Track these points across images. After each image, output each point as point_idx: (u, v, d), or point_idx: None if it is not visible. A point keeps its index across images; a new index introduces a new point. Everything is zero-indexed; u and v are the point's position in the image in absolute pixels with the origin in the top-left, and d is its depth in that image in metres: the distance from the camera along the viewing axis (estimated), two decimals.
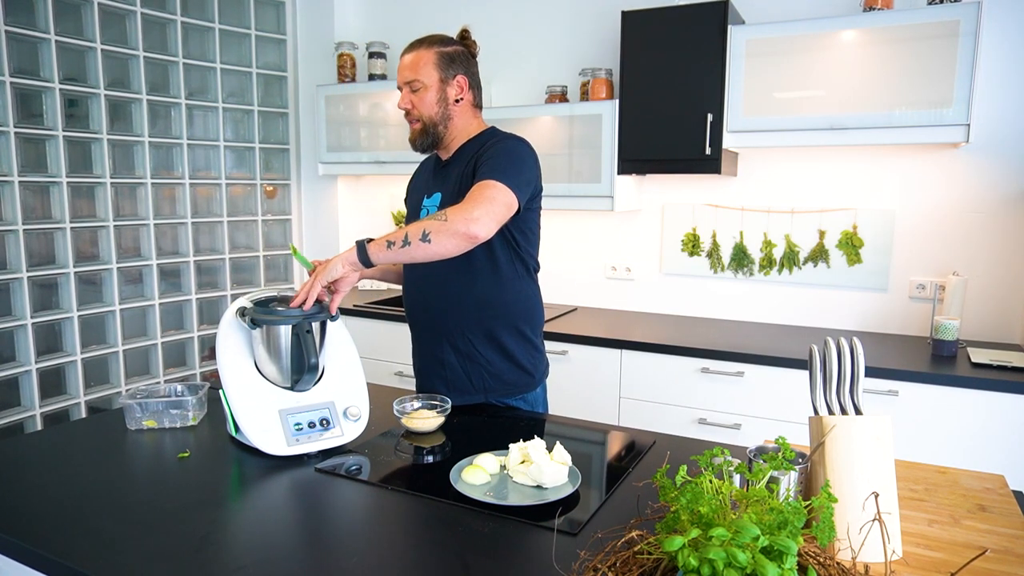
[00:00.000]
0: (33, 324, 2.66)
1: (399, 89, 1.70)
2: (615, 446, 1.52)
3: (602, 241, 3.22)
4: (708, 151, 2.57)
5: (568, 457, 1.30)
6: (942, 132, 2.27)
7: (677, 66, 2.61)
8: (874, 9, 2.40)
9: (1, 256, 2.58)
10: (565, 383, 2.69)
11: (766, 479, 0.92)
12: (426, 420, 1.52)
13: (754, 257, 2.92)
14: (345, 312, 3.17)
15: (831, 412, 1.12)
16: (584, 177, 2.85)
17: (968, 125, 2.22)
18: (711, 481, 0.84)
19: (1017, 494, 1.30)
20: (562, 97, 3.04)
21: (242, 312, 1.47)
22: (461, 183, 1.64)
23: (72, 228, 2.76)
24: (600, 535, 1.06)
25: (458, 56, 1.68)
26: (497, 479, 1.27)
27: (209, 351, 3.32)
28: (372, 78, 3.39)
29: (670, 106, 2.64)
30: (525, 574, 0.99)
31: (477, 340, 1.71)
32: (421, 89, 1.66)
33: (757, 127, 2.52)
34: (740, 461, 0.94)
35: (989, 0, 2.41)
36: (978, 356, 2.30)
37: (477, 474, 1.25)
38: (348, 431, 1.45)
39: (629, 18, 2.68)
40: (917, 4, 2.42)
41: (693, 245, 3.02)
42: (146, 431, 1.55)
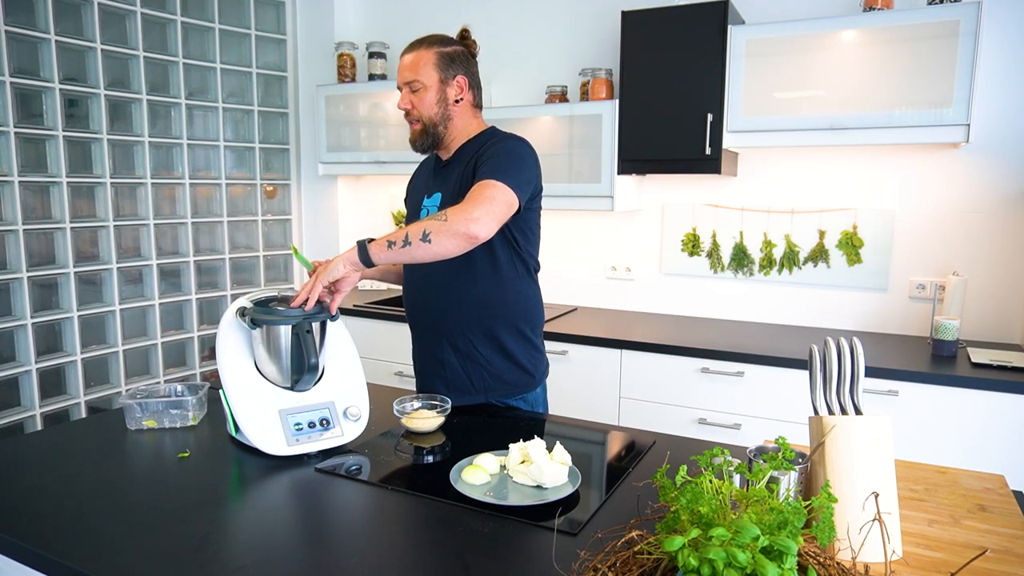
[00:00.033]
0: (33, 324, 2.66)
1: (399, 89, 1.70)
2: (615, 446, 1.52)
3: (602, 241, 3.22)
4: (708, 151, 2.57)
5: (568, 457, 1.30)
6: (942, 132, 2.27)
7: (677, 66, 2.61)
8: (874, 9, 2.40)
9: (1, 256, 2.58)
10: (565, 383, 2.69)
11: (766, 479, 0.92)
12: (426, 420, 1.52)
13: (754, 257, 2.92)
14: (345, 312, 3.17)
15: (831, 412, 1.12)
16: (584, 177, 2.85)
17: (968, 125, 2.22)
18: (711, 481, 0.84)
19: (1017, 494, 1.30)
20: (562, 97, 3.04)
21: (242, 312, 1.47)
22: (461, 183, 1.64)
23: (72, 228, 2.76)
24: (600, 535, 1.06)
25: (458, 56, 1.68)
26: (497, 479, 1.27)
27: (209, 351, 3.32)
28: (372, 78, 3.39)
29: (670, 106, 2.64)
30: (525, 574, 0.99)
31: (477, 340, 1.71)
32: (421, 89, 1.66)
33: (757, 127, 2.52)
34: (740, 461, 0.94)
35: (989, 0, 2.41)
36: (978, 356, 2.30)
37: (477, 474, 1.26)
38: (348, 431, 1.45)
39: (629, 18, 2.68)
40: (917, 4, 2.42)
41: (693, 245, 3.02)
42: (146, 431, 1.55)
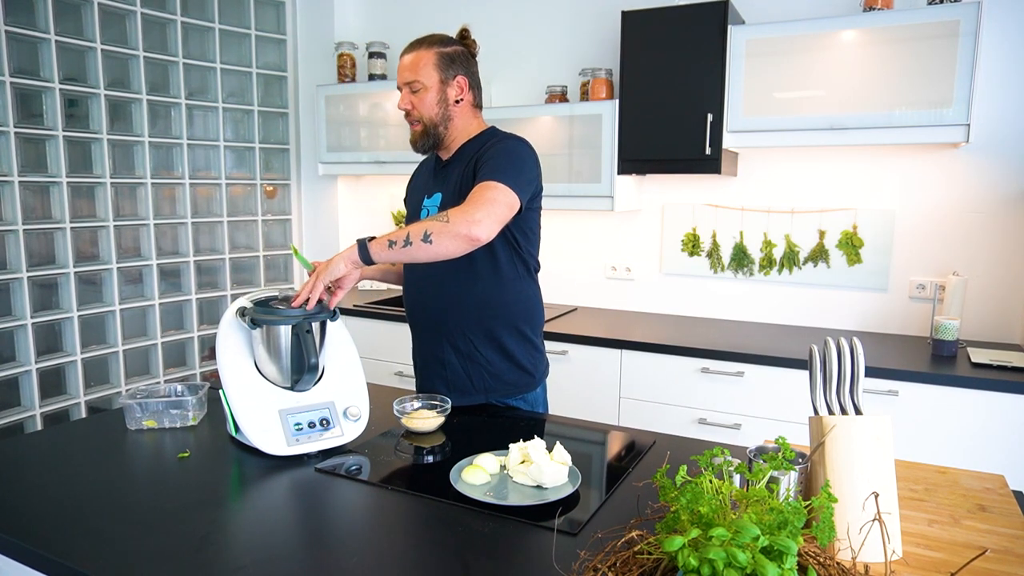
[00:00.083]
0: (33, 324, 2.66)
1: (399, 90, 1.70)
2: (615, 446, 1.52)
3: (602, 241, 3.22)
4: (708, 151, 2.57)
5: (568, 457, 1.30)
6: (942, 132, 2.27)
7: (677, 66, 2.61)
8: (874, 9, 2.40)
9: (1, 256, 2.58)
10: (565, 383, 2.69)
11: (766, 479, 0.92)
12: (426, 420, 1.52)
13: (754, 257, 2.92)
14: (345, 312, 3.17)
15: (831, 412, 1.12)
16: (584, 177, 2.85)
17: (968, 125, 2.22)
18: (711, 481, 0.84)
19: (1017, 494, 1.30)
20: (562, 97, 3.04)
21: (242, 312, 1.47)
22: (461, 183, 1.64)
23: (72, 228, 2.76)
24: (600, 535, 1.06)
25: (458, 56, 1.68)
26: (497, 479, 1.27)
27: (209, 351, 3.32)
28: (372, 78, 3.39)
29: (670, 106, 2.64)
30: (525, 574, 0.99)
31: (477, 340, 1.71)
32: (421, 90, 1.65)
33: (757, 127, 2.52)
34: (740, 461, 0.94)
35: (989, 0, 2.41)
36: (978, 356, 2.30)
37: (477, 474, 1.25)
38: (348, 431, 1.45)
39: (629, 18, 2.68)
40: (917, 4, 2.42)
41: (693, 245, 3.02)
42: (146, 431, 1.55)
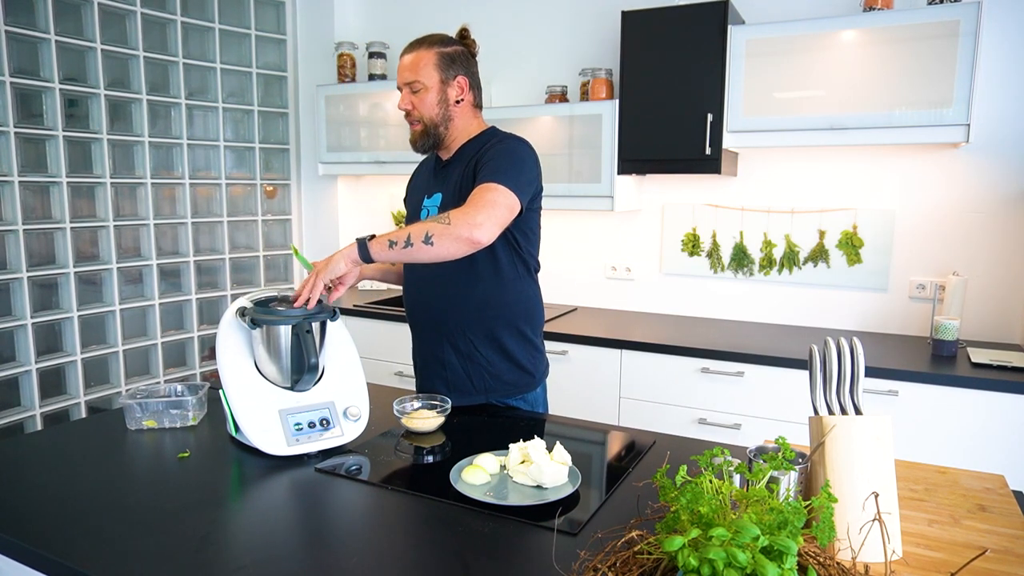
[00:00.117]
0: (33, 324, 2.66)
1: (399, 90, 1.70)
2: (615, 446, 1.52)
3: (602, 241, 3.22)
4: (708, 151, 2.57)
5: (568, 457, 1.30)
6: (942, 132, 2.27)
7: (677, 66, 2.61)
8: (874, 9, 2.40)
9: (1, 256, 2.58)
10: (565, 383, 2.69)
11: (766, 479, 0.92)
12: (426, 420, 1.52)
13: (754, 257, 2.92)
14: (345, 312, 3.17)
15: (831, 412, 1.12)
16: (584, 177, 2.85)
17: (968, 125, 2.22)
18: (711, 481, 0.84)
19: (1017, 494, 1.30)
20: (562, 97, 3.04)
21: (242, 312, 1.47)
22: (462, 183, 1.64)
23: (72, 228, 2.76)
24: (600, 535, 1.06)
25: (458, 56, 1.68)
26: (497, 479, 1.27)
27: (209, 351, 3.32)
28: (372, 78, 3.39)
29: (670, 106, 2.64)
30: (525, 574, 0.99)
31: (478, 340, 1.71)
32: (422, 90, 1.65)
33: (757, 127, 2.52)
34: (740, 461, 0.94)
35: (989, 0, 2.41)
36: (978, 356, 2.30)
37: (477, 474, 1.25)
38: (348, 431, 1.45)
39: (629, 18, 2.68)
40: (917, 4, 2.42)
41: (693, 245, 3.02)
42: (146, 431, 1.55)
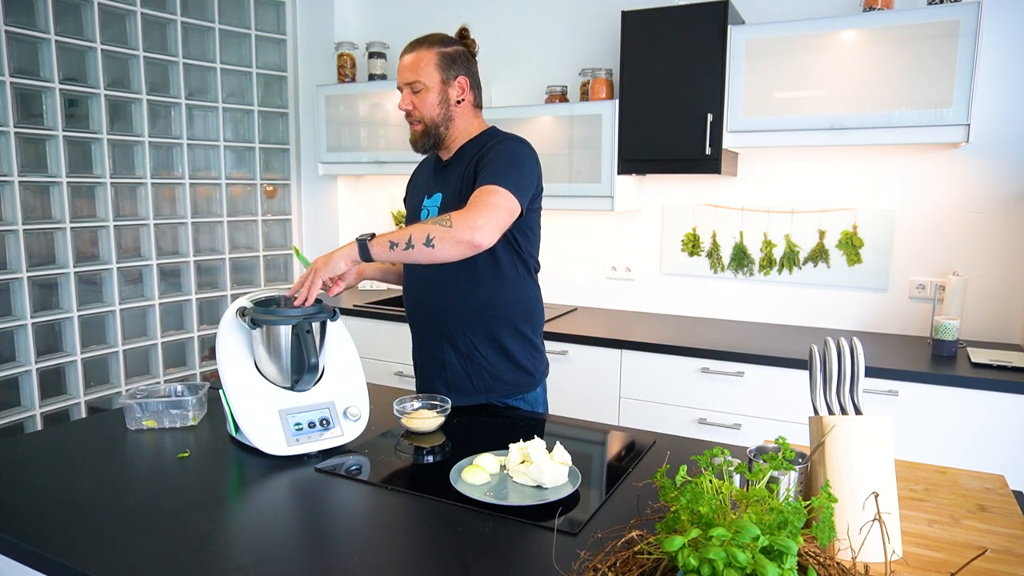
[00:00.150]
0: (33, 324, 2.66)
1: (399, 90, 1.70)
2: (615, 446, 1.52)
3: (602, 241, 3.22)
4: (708, 151, 2.57)
5: (568, 457, 1.30)
6: (942, 132, 2.27)
7: (677, 66, 2.61)
8: (874, 9, 2.40)
9: (1, 256, 2.58)
10: (565, 383, 2.69)
11: (766, 479, 0.92)
12: (426, 420, 1.52)
13: (754, 257, 2.92)
14: (345, 312, 3.17)
15: (831, 412, 1.12)
16: (584, 177, 2.85)
17: (968, 125, 2.22)
18: (711, 481, 0.84)
19: (1017, 494, 1.30)
20: (562, 97, 3.04)
21: (242, 312, 1.47)
22: (462, 184, 1.64)
23: (72, 228, 2.76)
24: (600, 535, 1.06)
25: (459, 56, 1.68)
26: (497, 479, 1.27)
27: (209, 351, 3.32)
28: (372, 78, 3.39)
29: (670, 106, 2.64)
30: (525, 574, 0.99)
31: (478, 340, 1.71)
32: (423, 90, 1.65)
33: (757, 127, 2.52)
34: (740, 461, 0.94)
35: (989, 0, 2.41)
36: (978, 356, 2.30)
37: (477, 474, 1.25)
38: (348, 431, 1.45)
39: (629, 18, 2.68)
40: (917, 4, 2.42)
41: (693, 245, 3.02)
42: (146, 431, 1.55)
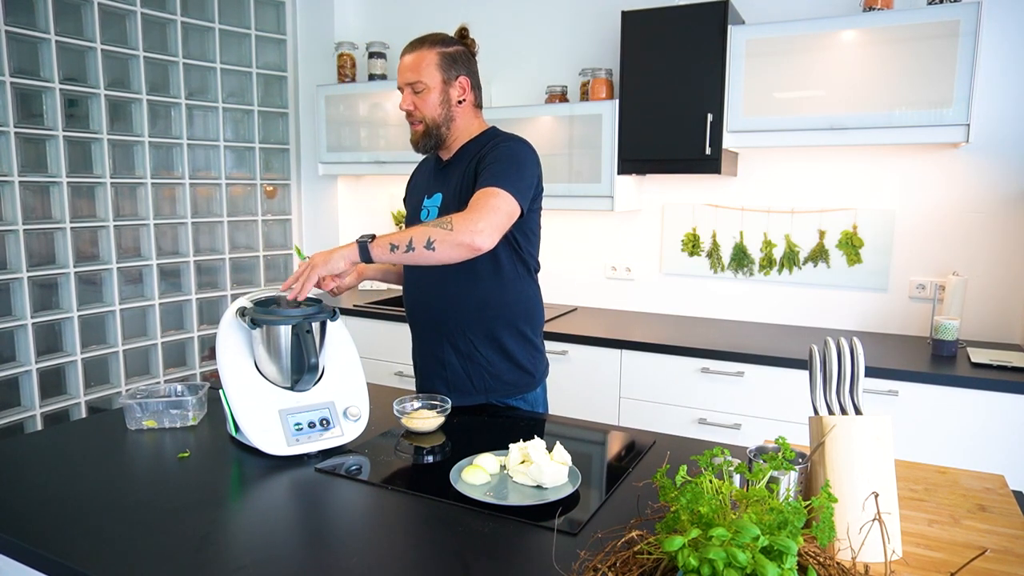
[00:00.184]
0: (33, 324, 2.66)
1: (400, 90, 1.69)
2: (615, 446, 1.52)
3: (602, 241, 3.22)
4: (708, 151, 2.57)
5: (568, 457, 1.30)
6: (942, 132, 2.27)
7: (677, 66, 2.61)
8: (874, 9, 2.40)
9: (1, 256, 2.58)
10: (565, 383, 2.69)
11: (766, 479, 0.92)
12: (426, 420, 1.52)
13: (754, 257, 2.92)
14: (345, 312, 3.17)
15: (831, 412, 1.12)
16: (584, 177, 2.85)
17: (968, 125, 2.22)
18: (711, 481, 0.84)
19: (1017, 494, 1.30)
20: (562, 97, 3.04)
21: (242, 312, 1.47)
22: (462, 184, 1.64)
23: (72, 228, 2.76)
24: (600, 535, 1.06)
25: (460, 56, 1.67)
26: (497, 479, 1.27)
27: (209, 351, 3.32)
28: (372, 78, 3.39)
29: (670, 106, 2.64)
30: (525, 574, 0.99)
31: (478, 340, 1.71)
32: (424, 91, 1.64)
33: (757, 127, 2.52)
34: (740, 461, 0.94)
35: (989, 0, 2.41)
36: (978, 356, 2.30)
37: (477, 474, 1.25)
38: (348, 431, 1.45)
39: (629, 18, 2.68)
40: (917, 4, 2.42)
41: (693, 245, 3.02)
42: (146, 431, 1.55)
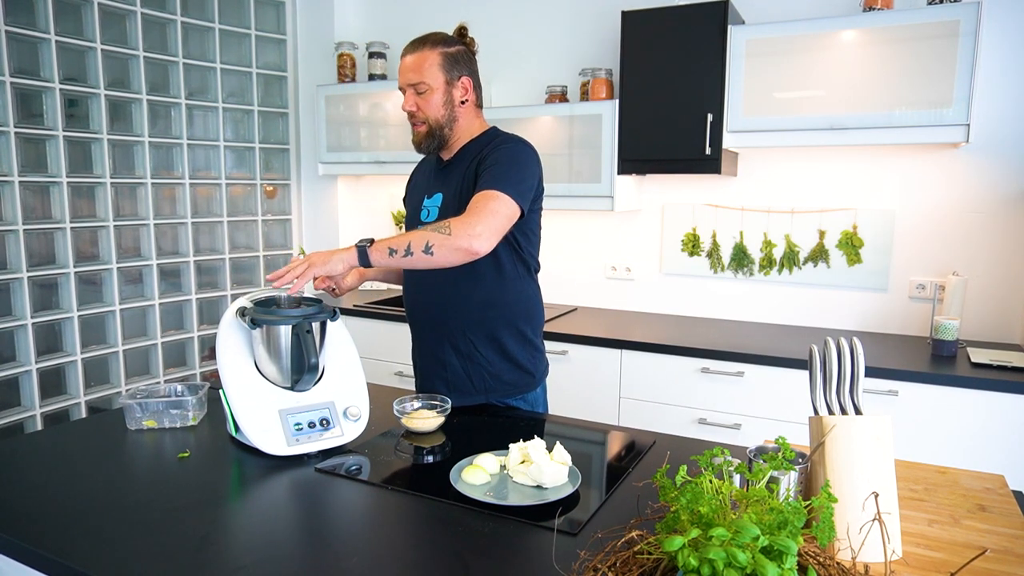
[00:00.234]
0: (33, 324, 2.66)
1: (401, 91, 1.68)
2: (615, 446, 1.52)
3: (602, 241, 3.22)
4: (708, 151, 2.57)
5: (568, 457, 1.30)
6: (942, 132, 2.27)
7: (677, 66, 2.61)
8: (874, 9, 2.40)
9: (1, 256, 2.58)
10: (565, 383, 2.69)
11: (766, 479, 0.92)
12: (426, 420, 1.52)
13: (754, 257, 2.92)
14: (345, 312, 3.17)
15: (831, 412, 1.12)
16: (584, 177, 2.85)
17: (968, 125, 2.22)
18: (711, 481, 0.84)
19: (1017, 494, 1.30)
20: (562, 97, 3.04)
21: (242, 312, 1.47)
22: (463, 184, 1.64)
23: (72, 228, 2.76)
24: (600, 535, 1.06)
25: (461, 56, 1.67)
26: (497, 479, 1.27)
27: (209, 351, 3.32)
28: (372, 78, 3.39)
29: (670, 106, 2.64)
30: (525, 574, 0.99)
31: (478, 340, 1.71)
32: (427, 92, 1.63)
33: (757, 127, 2.52)
34: (740, 461, 0.94)
35: (989, 0, 2.41)
36: (978, 356, 2.30)
37: (477, 474, 1.25)
38: (348, 431, 1.45)
39: (629, 18, 2.68)
40: (917, 4, 2.42)
41: (693, 245, 3.02)
42: (146, 431, 1.55)
